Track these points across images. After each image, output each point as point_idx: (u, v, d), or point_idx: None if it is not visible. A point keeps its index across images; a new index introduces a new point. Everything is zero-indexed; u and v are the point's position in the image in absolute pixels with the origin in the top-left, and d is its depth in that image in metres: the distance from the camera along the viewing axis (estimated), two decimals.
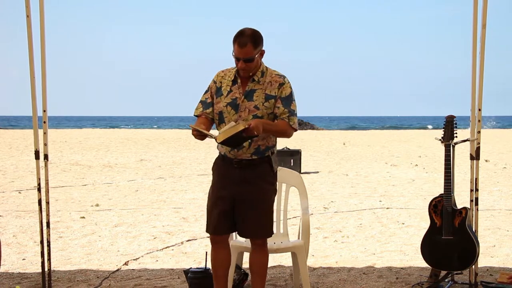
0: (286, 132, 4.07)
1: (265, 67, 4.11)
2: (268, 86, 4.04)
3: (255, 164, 4.07)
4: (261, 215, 4.08)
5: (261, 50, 4.02)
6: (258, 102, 4.02)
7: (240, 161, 4.06)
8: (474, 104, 4.81)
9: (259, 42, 3.99)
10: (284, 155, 14.67)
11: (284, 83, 4.05)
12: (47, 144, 4.98)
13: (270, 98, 4.03)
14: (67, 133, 35.82)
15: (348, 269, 5.68)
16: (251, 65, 3.98)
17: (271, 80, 4.05)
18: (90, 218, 8.55)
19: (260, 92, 4.03)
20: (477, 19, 4.72)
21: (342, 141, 28.70)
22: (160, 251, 6.48)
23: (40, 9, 4.87)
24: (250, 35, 3.94)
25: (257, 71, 4.06)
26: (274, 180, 4.19)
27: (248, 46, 3.92)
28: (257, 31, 4.02)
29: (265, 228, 4.12)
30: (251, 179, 4.05)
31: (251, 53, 3.94)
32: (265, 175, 4.11)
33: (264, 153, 4.09)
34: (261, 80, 4.05)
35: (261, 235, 4.14)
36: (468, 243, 4.70)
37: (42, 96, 4.94)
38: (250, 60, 3.96)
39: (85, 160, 17.87)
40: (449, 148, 4.81)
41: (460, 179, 11.58)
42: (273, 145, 4.18)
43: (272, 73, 4.09)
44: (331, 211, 9.14)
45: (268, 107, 4.02)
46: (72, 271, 5.69)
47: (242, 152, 4.04)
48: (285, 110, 4.03)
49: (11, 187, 11.86)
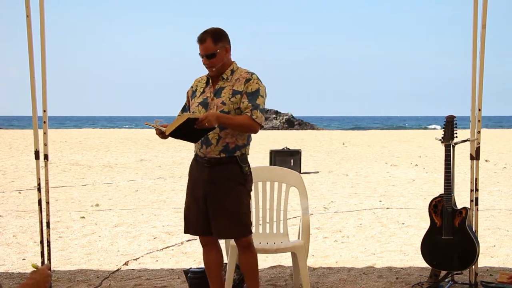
0: (247, 126, 3.99)
1: (236, 66, 4.13)
2: (236, 82, 4.05)
3: (223, 163, 4.04)
4: (232, 216, 4.03)
5: (225, 47, 4.04)
6: (225, 97, 4.03)
7: (209, 160, 4.06)
8: (474, 104, 4.81)
9: (220, 38, 4.02)
10: (284, 155, 14.67)
11: (251, 79, 4.04)
12: (47, 144, 4.98)
13: (237, 94, 4.02)
14: (67, 133, 35.83)
15: (348, 269, 5.68)
16: (214, 62, 4.01)
17: (239, 77, 4.06)
18: (90, 218, 8.55)
19: (228, 89, 4.04)
20: (477, 19, 4.72)
21: (342, 141, 28.70)
22: (160, 251, 6.48)
23: (40, 9, 4.87)
24: (210, 31, 4.02)
25: (226, 69, 4.09)
26: (244, 181, 4.11)
27: (208, 42, 3.98)
28: (219, 28, 4.08)
29: (236, 229, 4.07)
30: (220, 179, 4.03)
31: (212, 49, 3.98)
32: (234, 175, 4.05)
33: (233, 152, 4.05)
34: (230, 78, 4.08)
35: (233, 235, 4.13)
36: (468, 243, 4.70)
37: (42, 96, 4.94)
38: (211, 56, 3.99)
39: (85, 160, 17.87)
40: (449, 148, 4.81)
41: (460, 179, 11.58)
42: (244, 144, 4.12)
43: (242, 71, 4.10)
44: (331, 211, 9.14)
45: (235, 102, 4.01)
46: (72, 271, 5.69)
47: (211, 150, 4.03)
48: (249, 105, 3.98)
49: (11, 187, 11.86)
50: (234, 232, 4.11)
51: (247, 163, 4.16)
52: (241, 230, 4.10)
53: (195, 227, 4.18)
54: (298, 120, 51.96)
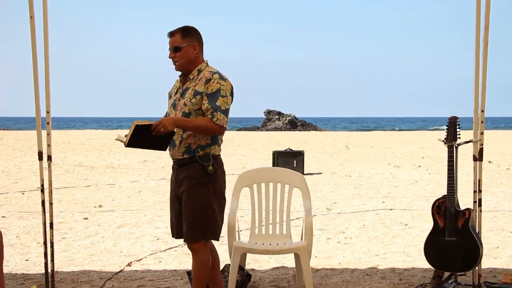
0: (207, 128, 3.91)
1: (204, 66, 4.08)
2: (199, 83, 4.00)
3: (186, 164, 4.01)
4: (193, 220, 3.95)
5: (193, 44, 4.02)
6: (187, 99, 4.00)
7: (176, 161, 4.07)
8: (477, 105, 4.80)
9: (189, 34, 4.02)
10: (287, 156, 14.67)
11: (212, 79, 3.94)
12: (50, 145, 4.99)
13: (197, 94, 3.96)
14: (70, 134, 35.87)
15: (351, 270, 5.68)
16: (179, 56, 3.99)
17: (202, 77, 4.00)
18: (93, 219, 8.55)
19: (191, 90, 4.01)
20: (480, 19, 4.71)
21: (345, 142, 28.69)
22: (163, 252, 6.49)
23: (44, 11, 4.88)
24: (181, 27, 4.04)
25: (193, 69, 4.06)
26: (207, 181, 3.97)
27: (176, 36, 4.00)
28: (191, 26, 4.08)
29: (194, 233, 3.96)
30: (184, 179, 4.01)
31: (178, 42, 3.98)
32: (196, 176, 3.96)
33: (195, 152, 3.98)
34: (195, 78, 4.04)
35: (188, 239, 3.98)
36: (471, 244, 4.69)
37: (46, 97, 4.95)
38: (177, 49, 3.99)
39: (88, 161, 17.89)
40: (452, 149, 4.80)
41: (463, 180, 11.57)
42: (207, 144, 3.99)
43: (207, 71, 4.03)
44: (334, 212, 9.14)
45: (195, 103, 3.95)
46: (75, 272, 5.70)
47: (175, 151, 4.03)
48: (209, 107, 3.91)
49: (15, 188, 11.87)
50: (189, 235, 3.97)
51: (210, 161, 3.98)
52: (198, 235, 3.96)
53: (173, 230, 4.18)
54: (301, 121, 51.97)
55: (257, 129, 50.94)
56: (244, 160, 18.77)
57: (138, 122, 3.84)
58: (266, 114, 52.75)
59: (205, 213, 3.96)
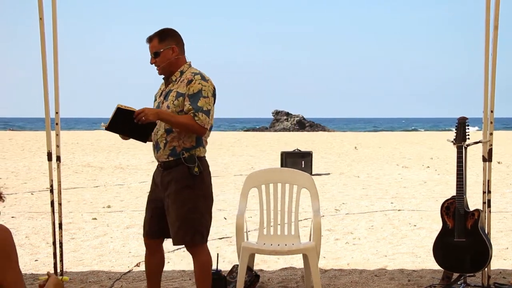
0: (189, 127, 3.89)
1: (186, 67, 4.07)
2: (181, 84, 4.00)
3: (172, 167, 4.01)
4: (181, 223, 3.96)
5: (171, 46, 4.01)
6: (170, 101, 4.00)
7: (161, 164, 4.07)
8: (486, 106, 4.78)
9: (166, 37, 4.02)
10: (295, 157, 14.66)
11: (193, 80, 3.93)
12: (59, 145, 5.01)
13: (179, 96, 3.97)
14: (79, 134, 35.99)
15: (360, 271, 5.67)
16: (159, 60, 4.00)
17: (185, 78, 4.00)
18: (102, 220, 8.58)
19: (174, 92, 4.02)
20: (489, 20, 4.70)
21: (353, 142, 28.64)
22: (172, 252, 6.49)
23: (53, 12, 4.89)
24: (157, 31, 4.04)
25: (175, 71, 4.06)
26: (193, 184, 3.97)
27: (154, 41, 4.00)
28: (168, 28, 4.08)
29: (183, 237, 3.98)
30: (169, 182, 4.01)
31: (157, 47, 3.99)
32: (182, 178, 3.95)
33: (180, 154, 3.98)
34: (178, 79, 4.04)
35: (177, 242, 4.01)
36: (480, 245, 4.67)
37: (55, 98, 4.97)
38: (156, 55, 4.00)
39: (97, 162, 17.94)
40: (461, 150, 4.78)
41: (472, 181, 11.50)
42: (192, 146, 3.99)
43: (189, 72, 4.02)
44: (342, 213, 9.12)
45: (177, 105, 3.95)
46: (84, 272, 5.72)
47: (160, 154, 4.03)
48: (190, 108, 3.89)
49: (24, 189, 11.92)
50: (177, 238, 4.00)
51: (196, 163, 3.97)
52: (186, 237, 3.98)
53: (148, 230, 4.20)
54: (309, 121, 51.94)
55: (265, 129, 50.95)
56: (252, 160, 18.77)
57: (121, 105, 3.84)
58: (274, 115, 52.75)
59: (192, 216, 3.97)
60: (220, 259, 5.67)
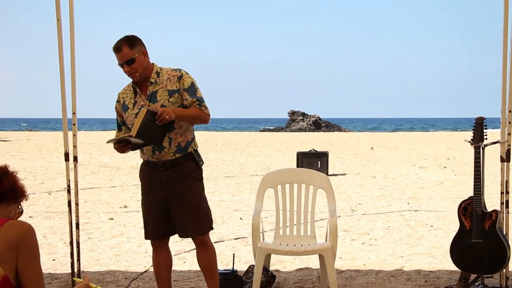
0: (200, 116, 4.08)
1: (159, 68, 4.15)
2: (168, 83, 4.08)
3: (179, 163, 4.08)
4: (197, 213, 4.11)
5: (142, 50, 4.05)
6: (163, 100, 4.04)
7: (165, 163, 4.08)
8: (504, 106, 4.74)
9: (134, 43, 4.04)
10: (311, 157, 14.64)
11: (182, 75, 4.08)
12: (76, 146, 5.04)
13: (174, 93, 4.06)
14: (96, 135, 36.21)
15: (376, 272, 5.64)
16: (136, 66, 4.01)
17: (169, 77, 4.09)
18: (118, 220, 8.62)
19: (162, 91, 4.06)
20: (508, 20, 4.66)
21: (369, 143, 28.53)
22: (188, 252, 6.51)
23: (70, 13, 4.93)
24: (123, 39, 4.04)
25: (150, 73, 4.09)
26: (200, 176, 4.20)
27: (124, 48, 3.99)
28: (132, 35, 4.09)
29: (202, 226, 4.15)
30: (178, 179, 4.07)
31: (129, 54, 4.00)
32: (191, 172, 4.13)
33: (186, 149, 4.10)
34: (158, 80, 4.09)
35: (200, 233, 4.16)
36: (498, 246, 4.64)
37: (72, 98, 5.01)
38: (131, 62, 4.00)
39: (114, 162, 18.03)
40: (479, 150, 4.75)
41: (490, 182, 11.43)
42: (192, 138, 4.17)
43: (168, 71, 4.13)
44: (358, 214, 9.09)
45: (174, 102, 4.04)
46: (101, 272, 5.75)
47: (165, 153, 4.06)
48: (194, 100, 4.06)
49: (41, 189, 12.02)
50: (199, 230, 4.16)
51: (200, 157, 4.21)
52: (206, 227, 4.18)
53: (154, 232, 4.23)
54: (325, 121, 51.84)
55: (281, 130, 50.93)
56: (268, 161, 18.77)
57: (146, 108, 3.88)
58: (290, 115, 52.71)
59: (206, 206, 4.19)
60: (236, 259, 5.67)
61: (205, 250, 4.24)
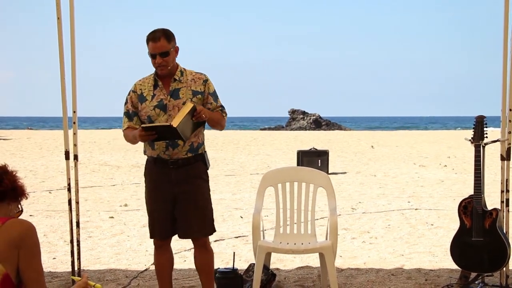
0: (221, 122, 4.22)
1: (182, 68, 4.17)
2: (192, 83, 4.12)
3: (190, 163, 4.11)
4: (203, 214, 4.14)
5: (175, 47, 4.08)
6: (186, 98, 4.07)
7: (176, 161, 4.09)
8: (504, 104, 4.74)
9: (171, 37, 4.07)
10: (311, 155, 14.63)
11: (208, 80, 4.17)
12: (77, 144, 5.04)
13: (197, 94, 4.10)
14: (96, 133, 36.21)
15: (376, 270, 5.65)
16: (168, 60, 4.03)
17: (193, 78, 4.14)
18: (118, 218, 8.63)
19: (185, 90, 4.09)
20: (508, 19, 4.66)
21: (370, 141, 28.54)
22: (188, 251, 6.51)
23: (70, 11, 4.93)
24: (162, 31, 4.06)
25: (175, 70, 4.12)
26: (208, 178, 4.26)
27: (162, 40, 4.01)
28: (168, 29, 4.11)
29: (207, 227, 4.19)
30: (188, 178, 4.09)
31: (166, 47, 4.01)
32: (200, 173, 4.18)
33: (197, 150, 4.15)
34: (182, 79, 4.11)
35: (204, 234, 4.20)
36: (498, 245, 4.64)
37: (72, 97, 5.01)
38: (166, 54, 4.01)
39: (114, 161, 18.05)
40: (479, 148, 4.75)
41: (490, 180, 11.43)
42: (203, 141, 4.24)
43: (192, 72, 4.18)
44: (359, 212, 9.10)
45: (196, 102, 4.07)
46: (101, 270, 5.76)
47: (178, 151, 4.07)
48: (217, 105, 4.18)
49: (42, 187, 12.03)
50: (204, 231, 4.19)
51: (208, 160, 4.31)
52: (209, 229, 4.21)
53: (162, 231, 4.21)
54: (326, 120, 51.81)
55: (282, 128, 50.91)
56: (269, 159, 18.77)
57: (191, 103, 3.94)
58: (290, 114, 52.69)
59: (211, 208, 4.24)
60: (236, 257, 5.68)
61: (206, 251, 4.25)
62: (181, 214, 4.12)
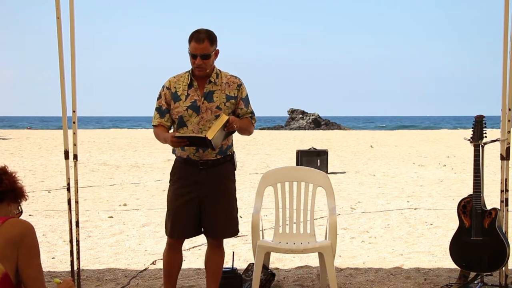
0: (249, 128, 4.23)
1: (218, 70, 4.16)
2: (226, 87, 4.11)
3: (220, 164, 4.13)
4: (230, 215, 4.18)
5: (216, 50, 4.07)
6: (219, 102, 4.07)
7: (206, 162, 4.10)
8: (504, 104, 4.74)
9: (214, 40, 4.05)
10: (311, 155, 14.63)
11: (242, 84, 4.17)
12: (76, 144, 5.04)
13: (231, 99, 4.11)
14: (96, 133, 36.20)
15: (376, 270, 5.65)
16: (208, 63, 4.02)
17: (228, 81, 4.13)
18: (118, 218, 8.62)
19: (220, 93, 4.08)
20: (508, 18, 4.66)
21: (369, 141, 28.54)
22: (187, 250, 6.51)
23: (70, 11, 4.92)
24: (206, 32, 4.03)
25: (211, 72, 4.10)
26: (235, 178, 4.29)
27: (205, 42, 3.99)
28: (212, 31, 4.09)
29: (233, 228, 4.24)
30: (218, 179, 4.12)
31: (208, 50, 4.00)
32: (229, 174, 4.20)
33: (226, 152, 4.16)
34: (217, 81, 4.10)
35: (230, 235, 4.26)
36: (498, 244, 4.64)
37: (72, 96, 5.00)
38: (207, 57, 4.00)
39: (113, 160, 18.04)
40: (478, 148, 4.75)
41: (489, 180, 11.44)
42: (232, 143, 4.25)
43: (227, 75, 4.17)
44: (358, 212, 9.10)
45: (229, 107, 4.10)
46: (100, 270, 5.75)
47: (208, 153, 4.08)
48: (248, 111, 4.20)
49: (41, 187, 12.02)
50: (230, 232, 4.23)
51: (236, 161, 4.33)
52: (235, 229, 4.26)
53: (182, 231, 4.20)
54: (325, 120, 51.80)
55: (281, 128, 50.89)
56: (268, 159, 18.77)
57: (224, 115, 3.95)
58: (289, 113, 52.67)
59: (237, 208, 4.28)
60: (236, 257, 5.68)
61: (219, 252, 4.28)
62: (208, 214, 4.12)
